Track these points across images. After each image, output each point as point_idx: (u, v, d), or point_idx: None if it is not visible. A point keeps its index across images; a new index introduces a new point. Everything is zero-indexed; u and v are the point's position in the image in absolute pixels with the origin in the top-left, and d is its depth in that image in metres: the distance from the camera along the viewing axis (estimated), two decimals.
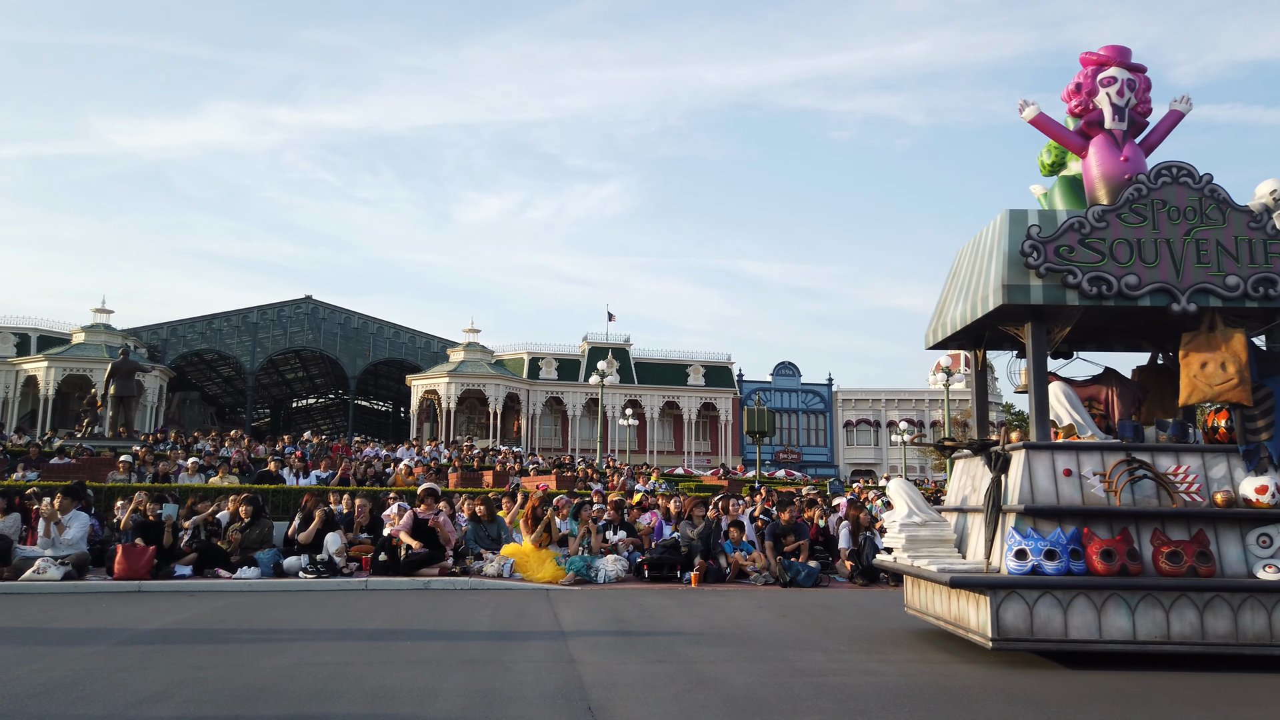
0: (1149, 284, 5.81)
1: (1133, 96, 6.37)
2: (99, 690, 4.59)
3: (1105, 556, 5.44)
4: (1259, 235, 5.91)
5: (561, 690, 4.70)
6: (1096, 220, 5.88)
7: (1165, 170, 6.01)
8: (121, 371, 24.01)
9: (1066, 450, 5.88)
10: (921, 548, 6.27)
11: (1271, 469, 5.82)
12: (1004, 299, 5.81)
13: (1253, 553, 5.67)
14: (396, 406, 66.27)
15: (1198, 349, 5.94)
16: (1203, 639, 5.44)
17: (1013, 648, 5.44)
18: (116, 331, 47.41)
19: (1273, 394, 5.92)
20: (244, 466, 20.04)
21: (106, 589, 9.28)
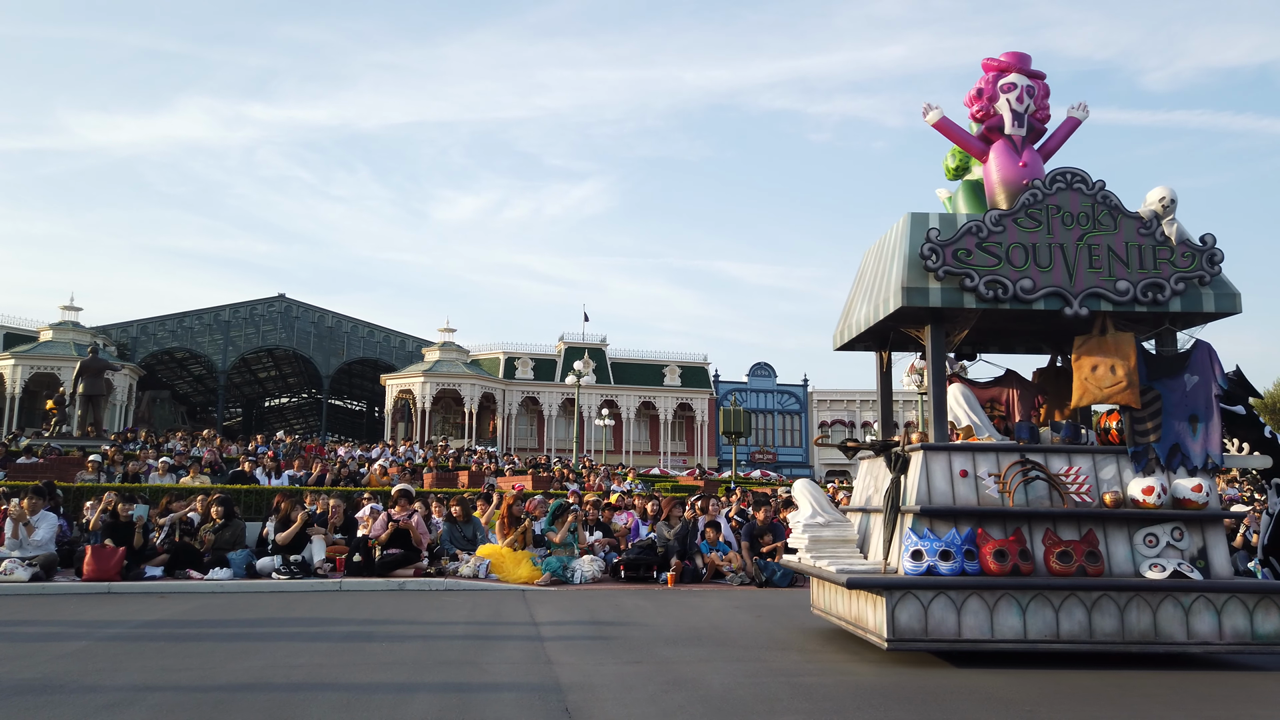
0: (1043, 288, 5.90)
1: (1032, 103, 6.45)
2: (70, 692, 4.54)
3: (998, 557, 5.51)
4: (1149, 241, 6.02)
5: (538, 691, 4.69)
6: (994, 225, 5.96)
7: (1060, 176, 6.09)
8: (90, 370, 23.71)
9: (963, 451, 5.94)
10: (824, 548, 6.29)
11: (1159, 470, 5.93)
12: (903, 301, 5.86)
13: (1140, 552, 5.78)
14: (371, 406, 65.85)
15: (1089, 352, 6.05)
16: (1090, 637, 5.52)
17: (907, 648, 5.47)
18: (85, 329, 46.74)
19: (1161, 396, 6.04)
20: (216, 466, 19.84)
21: (75, 590, 9.16)
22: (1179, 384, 6.09)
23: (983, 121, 6.55)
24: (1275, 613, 5.67)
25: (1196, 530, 5.91)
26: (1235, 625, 5.62)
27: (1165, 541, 5.79)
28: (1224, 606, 5.63)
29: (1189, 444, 5.99)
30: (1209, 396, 6.08)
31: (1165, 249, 6.02)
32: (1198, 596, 5.62)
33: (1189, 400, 6.06)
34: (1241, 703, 4.78)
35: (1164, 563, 5.68)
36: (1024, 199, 6.05)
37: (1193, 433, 6.02)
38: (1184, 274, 5.99)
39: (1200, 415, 6.05)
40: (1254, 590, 5.71)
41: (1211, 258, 6.03)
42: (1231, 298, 6.09)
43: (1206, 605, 5.62)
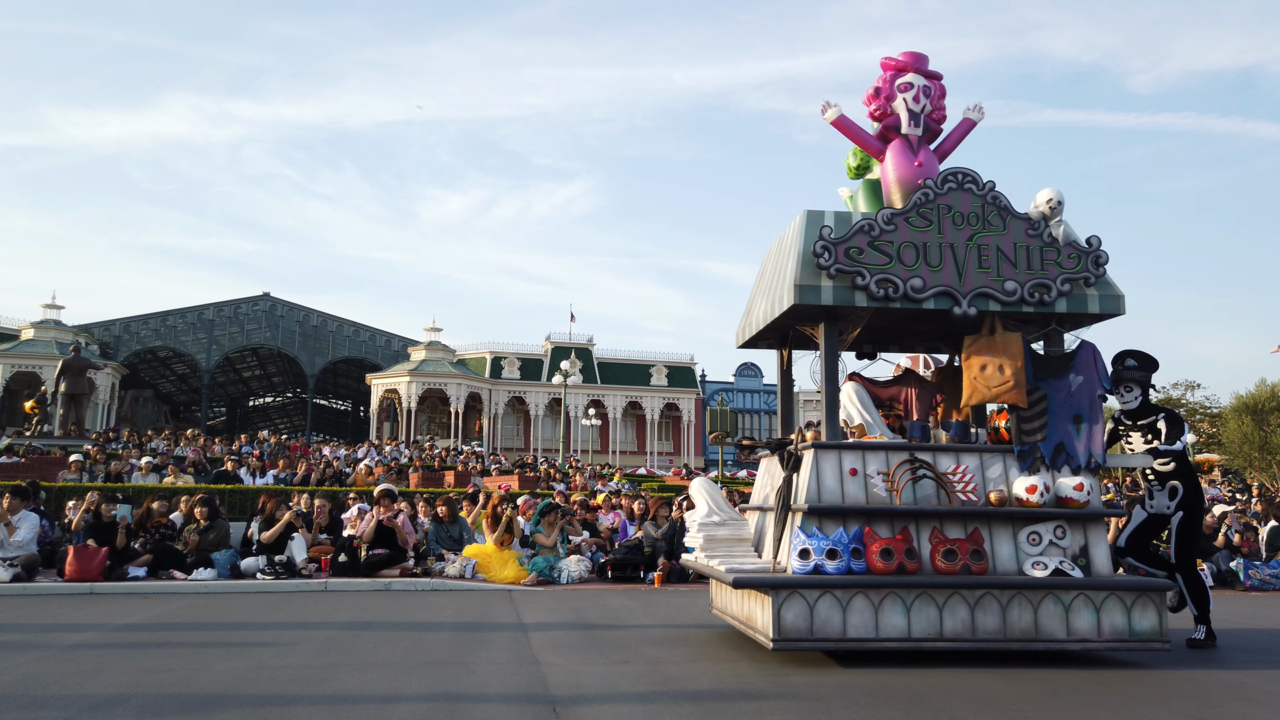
0: (933, 287, 5.92)
1: (928, 103, 6.47)
2: (52, 694, 4.50)
3: (884, 555, 5.53)
4: (1036, 242, 6.07)
5: (526, 692, 4.68)
6: (885, 223, 5.98)
7: (952, 176, 6.12)
8: (72, 369, 23.53)
9: (853, 450, 5.95)
10: (719, 547, 6.27)
11: (1044, 469, 5.98)
12: (796, 299, 5.86)
13: (1024, 550, 5.83)
14: (356, 405, 65.61)
15: (978, 352, 6.09)
16: (973, 635, 5.54)
17: (793, 648, 5.44)
18: (67, 327, 46.44)
19: (1047, 396, 6.09)
20: (200, 466, 19.72)
21: (57, 591, 9.08)
22: (1064, 384, 6.13)
23: (880, 120, 6.56)
24: (1152, 610, 5.71)
25: (1079, 528, 5.95)
26: (1114, 623, 5.66)
27: (1048, 540, 5.84)
28: (1103, 604, 5.68)
29: (1073, 443, 6.04)
30: (1093, 396, 6.13)
31: (1052, 250, 6.07)
32: (1078, 594, 5.66)
33: (1074, 400, 6.11)
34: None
35: (1046, 561, 5.72)
36: (916, 198, 6.06)
37: (1077, 432, 6.07)
38: (1070, 275, 6.03)
39: (1084, 415, 6.10)
40: (1132, 588, 5.76)
41: (1097, 259, 6.07)
42: (1116, 299, 6.14)
43: (1086, 603, 5.67)
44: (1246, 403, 40.99)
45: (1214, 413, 48.59)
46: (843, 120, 6.57)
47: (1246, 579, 11.64)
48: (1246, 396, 41.49)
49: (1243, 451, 40.25)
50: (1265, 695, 4.94)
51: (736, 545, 6.28)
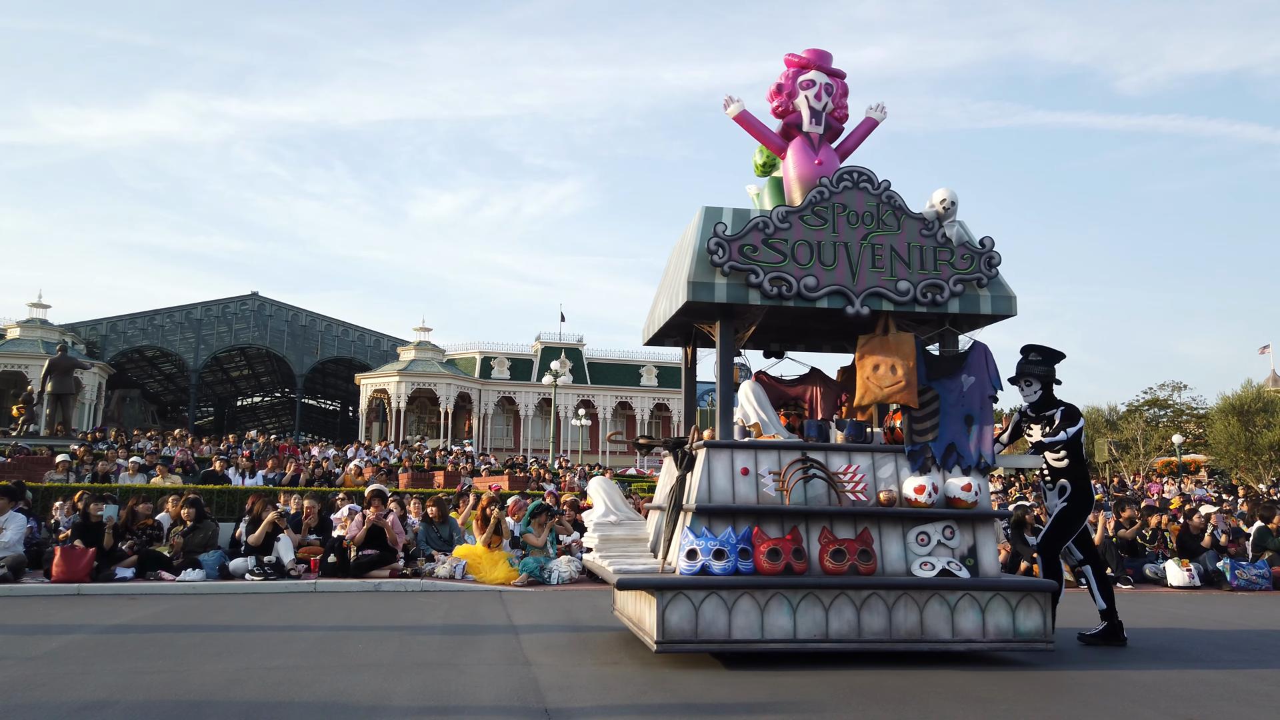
0: (826, 286, 5.90)
1: (830, 101, 6.46)
2: (39, 696, 4.46)
3: (771, 556, 5.49)
4: (930, 242, 6.04)
5: (517, 693, 4.67)
6: (780, 221, 5.93)
7: (847, 175, 6.08)
8: (59, 368, 23.38)
9: (745, 449, 5.91)
10: (614, 547, 6.22)
11: (935, 469, 5.98)
12: (690, 295, 5.83)
13: (913, 550, 5.81)
14: (345, 405, 65.43)
15: (872, 351, 6.07)
16: (859, 636, 5.52)
17: (677, 649, 5.37)
18: (54, 327, 46.24)
19: (939, 396, 6.08)
20: (188, 466, 19.61)
21: (44, 592, 9.02)
22: (957, 384, 6.13)
23: (783, 117, 6.53)
24: (1037, 610, 5.72)
25: (968, 529, 5.93)
26: (999, 623, 5.66)
27: (936, 540, 5.83)
28: (988, 604, 5.68)
29: (964, 443, 6.04)
30: (984, 397, 6.13)
31: (946, 251, 6.05)
32: (963, 594, 5.66)
33: (965, 400, 6.10)
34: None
35: (934, 561, 5.72)
36: (810, 196, 6.03)
37: (968, 432, 6.06)
38: (963, 276, 6.02)
39: (976, 415, 6.10)
40: (1018, 588, 5.76)
41: (990, 260, 6.06)
42: (1008, 300, 6.13)
43: (971, 603, 5.66)
44: (1233, 404, 41.22)
45: (1200, 413, 48.87)
46: (745, 116, 6.54)
47: (1233, 579, 11.70)
48: (1233, 397, 41.71)
49: (1229, 452, 40.47)
50: (1253, 695, 4.96)
51: (633, 545, 6.21)
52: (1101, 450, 46.38)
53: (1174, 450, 42.36)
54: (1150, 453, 45.36)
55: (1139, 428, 47.55)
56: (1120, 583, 11.88)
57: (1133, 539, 13.00)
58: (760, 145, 6.85)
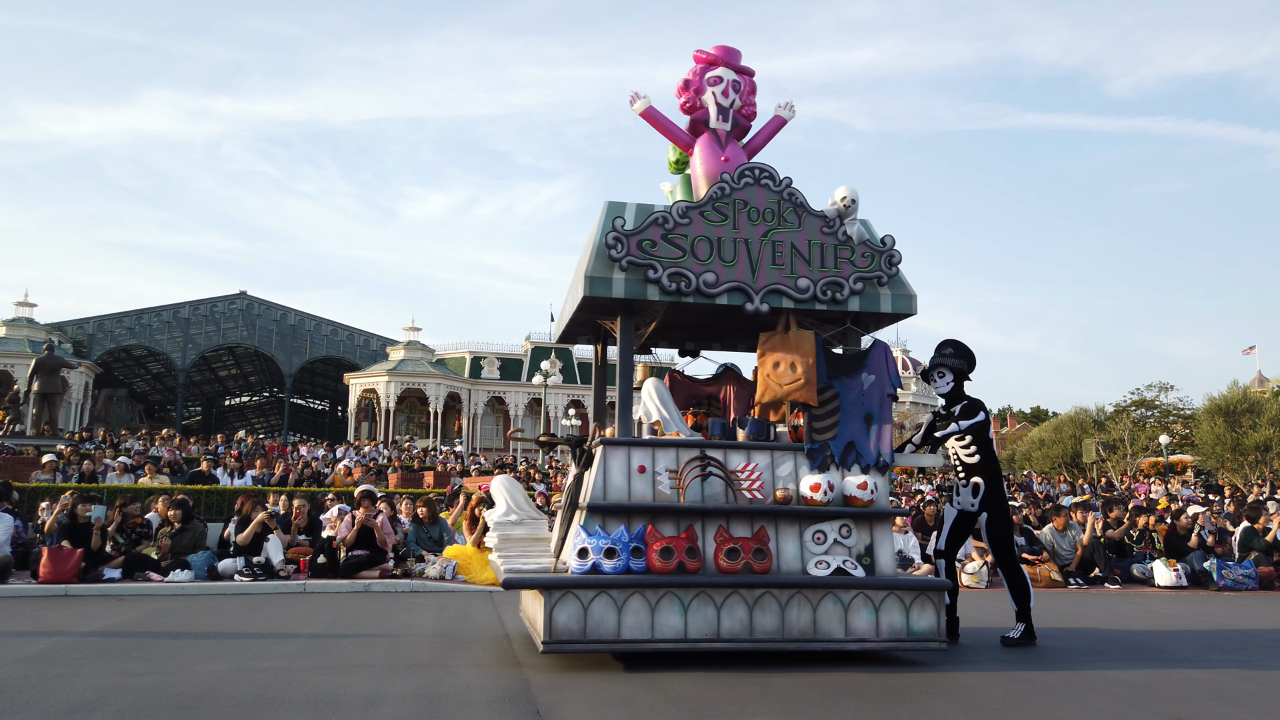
0: (726, 282, 5.86)
1: (737, 98, 6.44)
2: (28, 699, 4.44)
3: (663, 554, 5.45)
4: (831, 240, 6.02)
5: (508, 694, 4.67)
6: (680, 216, 5.89)
7: (748, 172, 6.05)
8: (46, 367, 23.24)
9: (642, 447, 5.85)
10: (514, 547, 6.14)
11: (833, 467, 5.94)
12: (587, 290, 5.79)
13: (809, 549, 5.78)
14: (334, 405, 65.25)
15: (773, 349, 6.04)
16: (751, 636, 5.48)
17: (565, 650, 5.30)
18: (40, 325, 45.98)
19: (839, 395, 6.05)
20: (176, 466, 19.50)
21: (31, 593, 8.97)
22: (857, 383, 6.10)
23: (690, 114, 6.51)
24: (931, 610, 5.70)
25: (865, 527, 5.91)
26: (892, 622, 5.64)
27: (833, 538, 5.80)
28: (882, 604, 5.65)
29: (864, 442, 6.01)
30: (884, 396, 6.11)
31: (846, 248, 6.02)
32: (857, 593, 5.64)
33: (865, 399, 6.07)
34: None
35: (830, 560, 5.69)
36: (711, 192, 5.99)
37: (867, 431, 6.04)
38: (863, 274, 6.00)
39: (875, 414, 6.07)
40: (912, 587, 5.73)
41: (890, 259, 6.04)
42: (908, 299, 6.11)
43: (865, 602, 5.64)
44: (1219, 404, 41.36)
45: (1187, 414, 49.12)
46: (651, 112, 6.52)
47: (1220, 579, 11.78)
48: (1219, 398, 41.86)
49: (1215, 453, 40.60)
50: (1240, 694, 5.00)
51: (534, 545, 6.14)
52: (1089, 450, 46.48)
53: (1161, 451, 42.53)
54: (1138, 453, 45.51)
55: (1126, 428, 47.72)
56: (1108, 583, 11.95)
57: (1121, 539, 13.07)
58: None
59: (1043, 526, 13.19)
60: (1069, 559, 12.39)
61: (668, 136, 6.62)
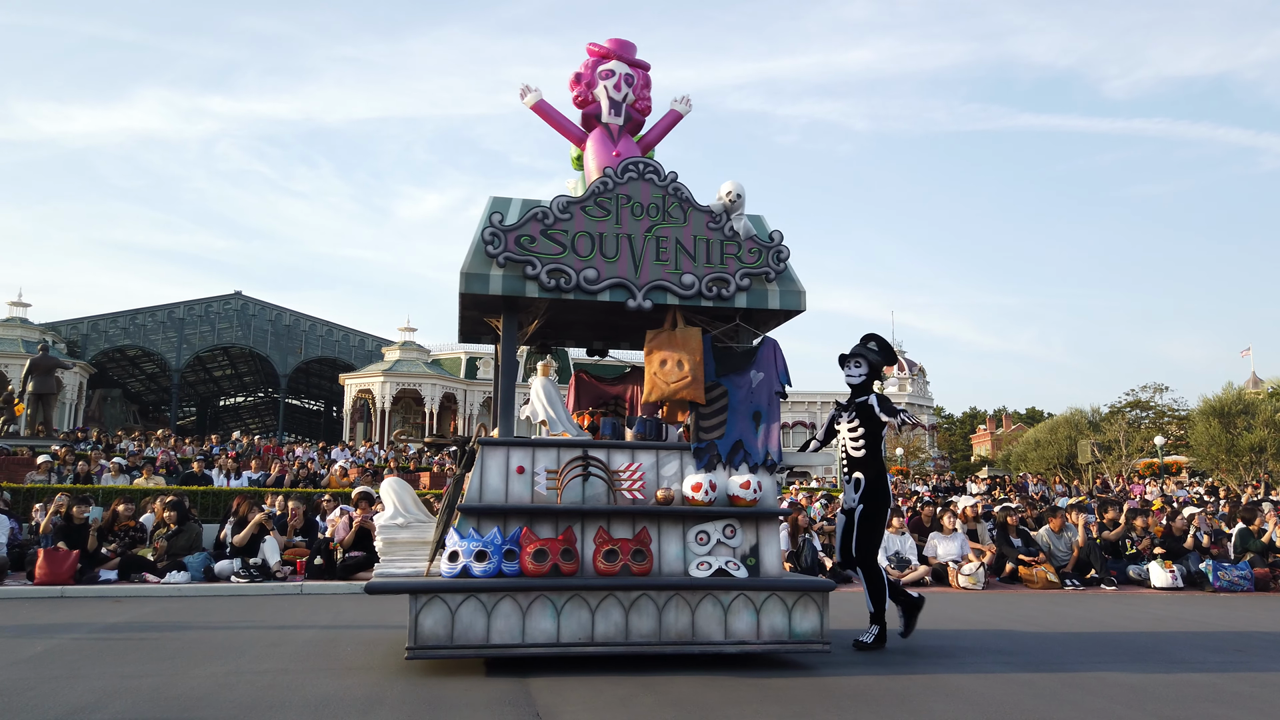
0: (607, 279, 5.73)
1: (631, 92, 6.36)
2: (26, 701, 4.43)
3: (537, 557, 5.34)
4: (717, 236, 5.91)
5: (508, 696, 4.66)
6: (560, 211, 5.77)
7: (632, 166, 5.91)
8: (40, 368, 23.19)
9: (522, 447, 5.73)
10: (398, 551, 6.04)
11: (721, 467, 5.84)
12: (463, 287, 5.66)
13: (692, 550, 5.68)
14: (329, 406, 65.10)
15: (659, 347, 5.92)
16: (626, 639, 5.37)
17: (430, 655, 5.17)
18: (34, 325, 45.89)
19: (728, 393, 5.95)
20: (171, 467, 19.45)
21: (27, 595, 8.95)
22: (746, 380, 5.99)
23: (583, 108, 6.43)
24: (814, 611, 5.60)
25: (751, 527, 5.80)
26: (774, 624, 5.54)
27: (716, 539, 5.70)
28: (764, 605, 5.55)
29: (752, 441, 5.91)
30: (772, 393, 6.00)
31: (733, 244, 5.92)
32: (737, 595, 5.54)
33: (754, 397, 5.97)
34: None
35: (712, 560, 5.60)
36: (593, 187, 5.86)
37: (755, 430, 5.93)
38: (750, 270, 5.90)
39: (764, 412, 5.97)
40: (795, 588, 5.62)
41: (778, 254, 5.95)
42: (797, 295, 6.00)
43: (746, 604, 5.54)
44: (1214, 406, 41.44)
45: (1182, 415, 49.24)
46: (542, 106, 6.43)
47: (1215, 580, 11.81)
48: (1214, 400, 41.98)
49: (1210, 454, 40.69)
50: (1236, 696, 5.00)
51: (420, 549, 6.03)
52: (1084, 451, 46.58)
53: (1156, 452, 42.64)
54: (1132, 454, 45.62)
55: (1121, 429, 47.83)
56: (1104, 584, 11.97)
57: (1117, 541, 13.09)
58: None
59: (1039, 528, 13.22)
60: (1065, 560, 12.40)
61: (559, 131, 6.51)
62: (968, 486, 31.88)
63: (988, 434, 73.98)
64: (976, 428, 79.74)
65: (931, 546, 12.29)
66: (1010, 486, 31.37)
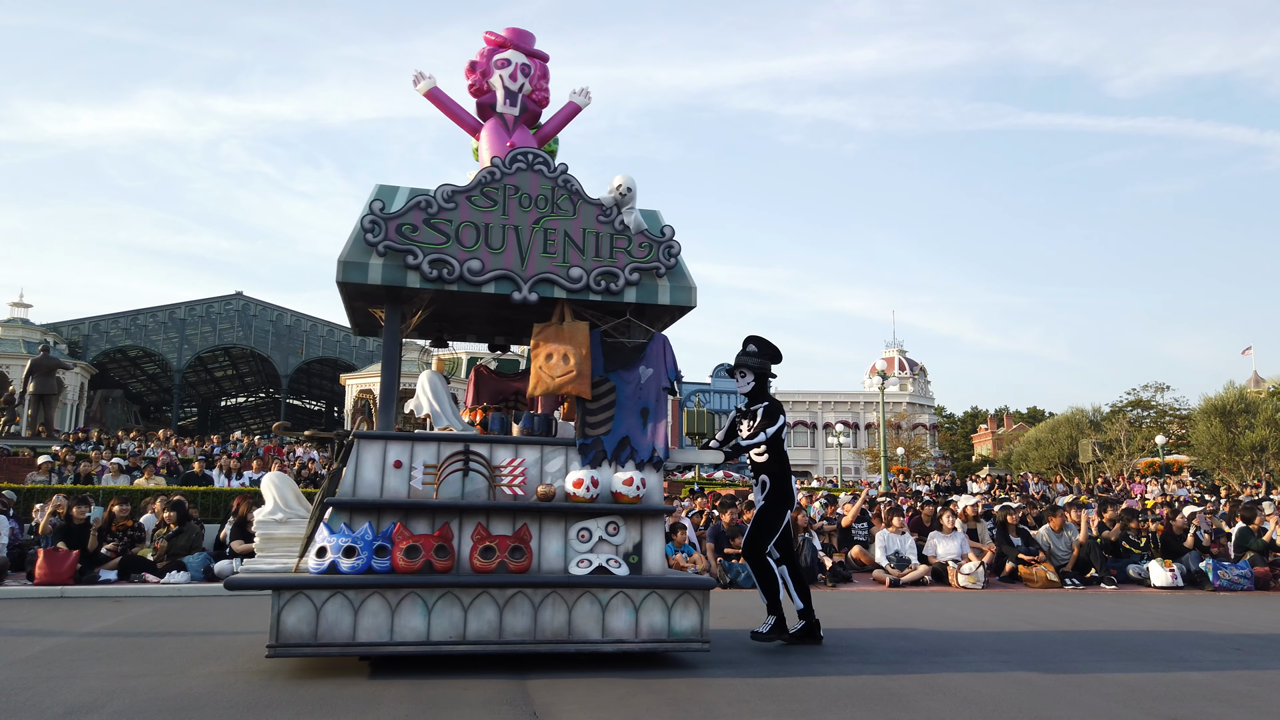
0: (492, 270, 5.62)
1: (527, 82, 6.29)
2: (26, 700, 4.43)
3: (409, 553, 5.23)
4: (606, 229, 5.82)
5: (505, 696, 4.66)
6: (445, 200, 5.65)
7: (521, 156, 5.82)
8: (41, 368, 23.26)
9: (401, 441, 5.61)
10: (276, 547, 5.91)
11: (606, 463, 5.75)
12: (340, 276, 5.53)
13: (573, 547, 5.60)
14: (330, 406, 65.12)
15: (547, 340, 5.83)
16: (500, 637, 5.28)
17: (293, 654, 5.04)
18: (35, 326, 45.98)
19: (616, 388, 5.87)
20: (172, 467, 19.48)
21: (27, 595, 8.97)
22: (634, 376, 5.91)
23: (478, 97, 6.35)
24: (694, 609, 5.52)
25: (635, 525, 5.72)
26: (653, 622, 5.46)
27: (598, 536, 5.62)
28: (643, 603, 5.47)
29: (639, 437, 5.83)
30: (660, 389, 5.94)
31: (623, 238, 5.82)
32: (616, 593, 5.46)
33: (642, 393, 5.90)
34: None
35: (592, 558, 5.52)
36: (480, 176, 5.75)
37: (643, 426, 5.85)
38: (640, 264, 5.81)
39: (651, 408, 5.90)
40: (675, 586, 5.54)
41: (669, 249, 5.87)
42: (688, 291, 5.93)
43: (625, 602, 5.46)
44: (1215, 405, 41.39)
45: (1183, 415, 49.21)
46: (435, 93, 6.35)
47: (1215, 579, 11.81)
48: (1215, 399, 41.93)
49: (1211, 453, 40.66)
50: (1235, 695, 5.01)
51: (297, 545, 5.90)
52: (1085, 451, 46.56)
53: (1157, 451, 42.64)
54: (1134, 453, 45.61)
55: (1123, 428, 47.82)
56: (1104, 583, 11.97)
57: (1118, 541, 13.09)
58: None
59: (1039, 527, 13.22)
60: (1065, 559, 12.40)
61: (453, 119, 6.42)
62: (968, 486, 31.95)
63: (989, 433, 73.94)
64: (978, 427, 79.69)
65: (931, 546, 12.29)
66: (1011, 486, 31.40)
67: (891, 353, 67.07)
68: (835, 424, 56.96)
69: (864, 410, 62.81)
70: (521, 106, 6.31)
